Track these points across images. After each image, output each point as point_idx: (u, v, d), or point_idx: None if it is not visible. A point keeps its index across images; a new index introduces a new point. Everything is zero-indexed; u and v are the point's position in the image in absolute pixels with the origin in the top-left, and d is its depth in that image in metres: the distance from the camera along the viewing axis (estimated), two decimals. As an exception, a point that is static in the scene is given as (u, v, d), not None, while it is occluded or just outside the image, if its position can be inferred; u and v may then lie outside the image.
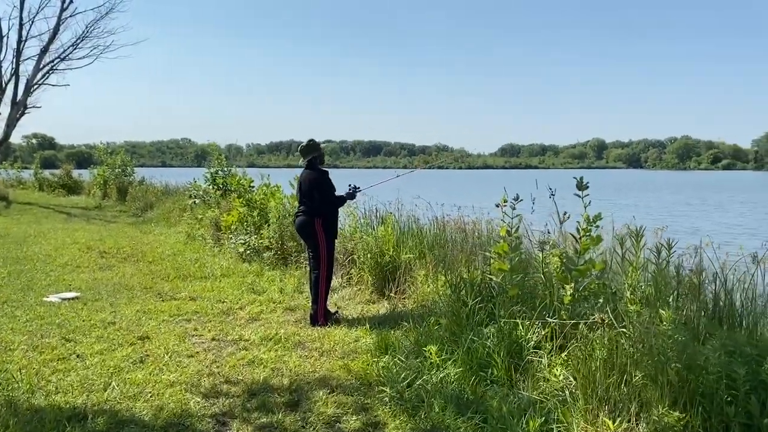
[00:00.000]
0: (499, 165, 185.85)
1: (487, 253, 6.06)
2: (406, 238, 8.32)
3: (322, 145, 7.09)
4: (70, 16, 24.76)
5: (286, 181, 11.17)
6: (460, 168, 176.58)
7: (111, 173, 25.83)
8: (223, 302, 7.60)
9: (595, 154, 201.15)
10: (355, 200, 7.63)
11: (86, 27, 24.92)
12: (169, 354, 5.46)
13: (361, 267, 7.98)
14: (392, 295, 7.45)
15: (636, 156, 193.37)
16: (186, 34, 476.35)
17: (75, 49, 24.99)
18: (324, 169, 6.99)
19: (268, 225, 9.89)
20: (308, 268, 7.70)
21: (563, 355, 4.50)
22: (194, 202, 14.24)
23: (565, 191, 5.80)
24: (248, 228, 10.38)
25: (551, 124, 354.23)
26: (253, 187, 11.29)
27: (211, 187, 13.55)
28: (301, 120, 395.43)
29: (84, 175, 32.54)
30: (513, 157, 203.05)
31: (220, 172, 13.74)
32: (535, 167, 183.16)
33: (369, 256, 7.80)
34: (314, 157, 6.93)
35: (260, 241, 9.85)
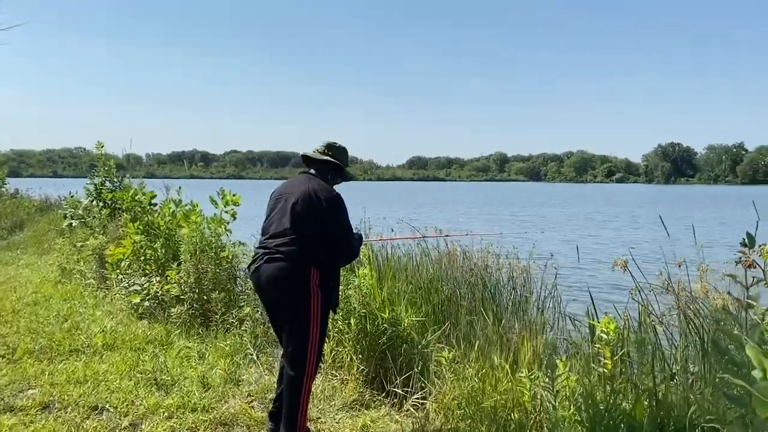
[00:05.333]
0: (407, 177, 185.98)
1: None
2: (401, 286, 5.39)
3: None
4: None
5: (201, 194, 7.92)
6: (370, 180, 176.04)
7: (-24, 185, 21.25)
8: (102, 411, 4.35)
9: (498, 167, 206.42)
10: None
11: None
12: None
13: (341, 341, 4.92)
14: (398, 391, 4.45)
15: (536, 169, 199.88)
16: (80, 41, 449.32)
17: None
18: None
19: (179, 263, 6.61)
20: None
21: None
22: (71, 223, 10.56)
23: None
24: (147, 266, 7.03)
25: (456, 137, 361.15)
26: (155, 205, 7.92)
27: (94, 203, 9.95)
28: (205, 129, 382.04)
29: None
30: (421, 169, 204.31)
31: (107, 183, 10.14)
32: (443, 179, 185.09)
33: (353, 321, 4.77)
34: (337, 169, 4.01)
35: (166, 288, 6.54)
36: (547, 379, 3.19)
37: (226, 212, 7.20)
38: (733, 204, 53.39)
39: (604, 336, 3.47)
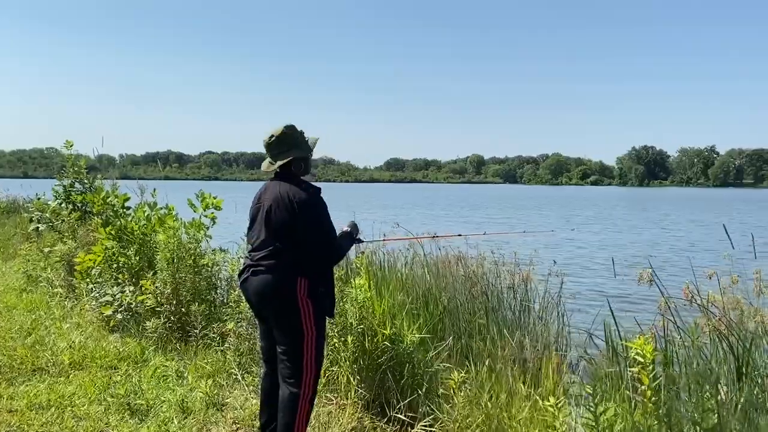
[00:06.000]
0: (385, 179, 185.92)
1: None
2: (400, 297, 4.95)
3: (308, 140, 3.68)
4: None
5: (176, 195, 7.40)
6: (347, 181, 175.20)
7: (-65, 186, 20.29)
8: (68, 444, 3.84)
9: (475, 169, 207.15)
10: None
11: None
12: None
13: (336, 360, 4.46)
14: (401, 417, 4.01)
15: (512, 172, 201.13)
16: (55, 41, 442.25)
17: None
18: (313, 184, 3.54)
19: (155, 272, 6.08)
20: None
21: None
22: (38, 227, 9.93)
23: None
24: (120, 275, 6.48)
25: (433, 139, 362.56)
26: (128, 208, 7.36)
27: (63, 206, 9.35)
28: (179, 129, 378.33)
29: None
30: (398, 171, 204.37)
31: (77, 185, 9.53)
32: (420, 181, 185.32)
33: (350, 338, 4.32)
34: (296, 161, 3.51)
35: (140, 299, 6.01)
36: (587, 414, 2.77)
37: (206, 216, 6.71)
38: (704, 205, 54.14)
39: (640, 359, 3.09)
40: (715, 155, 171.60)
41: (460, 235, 5.59)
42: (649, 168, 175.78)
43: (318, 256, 3.39)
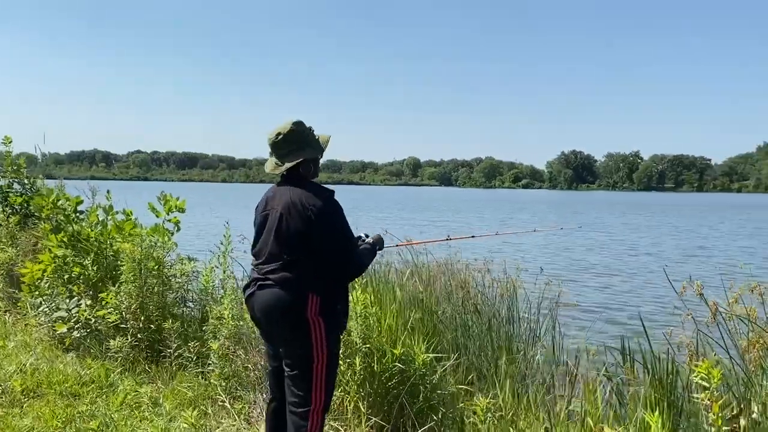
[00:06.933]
0: (322, 180, 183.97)
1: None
2: (401, 311, 4.57)
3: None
4: None
5: (133, 197, 6.77)
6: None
7: None
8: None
9: (411, 171, 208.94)
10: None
11: None
12: None
13: (340, 383, 4.01)
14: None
15: (447, 175, 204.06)
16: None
17: None
18: (325, 186, 3.18)
19: (118, 284, 5.45)
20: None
21: None
22: (-31, 233, 8.96)
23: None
24: (75, 287, 5.79)
25: (370, 141, 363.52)
26: (80, 213, 6.63)
27: (0, 209, 8.46)
28: (106, 127, 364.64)
29: None
30: (335, 173, 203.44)
31: (16, 185, 8.65)
32: (357, 183, 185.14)
33: (357, 359, 3.89)
34: (305, 162, 3.13)
35: (101, 314, 5.37)
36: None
37: (169, 221, 6.16)
38: (631, 209, 56.36)
39: (706, 384, 2.83)
40: (639, 160, 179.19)
41: (473, 237, 5.26)
42: (578, 172, 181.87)
43: (335, 262, 3.00)
